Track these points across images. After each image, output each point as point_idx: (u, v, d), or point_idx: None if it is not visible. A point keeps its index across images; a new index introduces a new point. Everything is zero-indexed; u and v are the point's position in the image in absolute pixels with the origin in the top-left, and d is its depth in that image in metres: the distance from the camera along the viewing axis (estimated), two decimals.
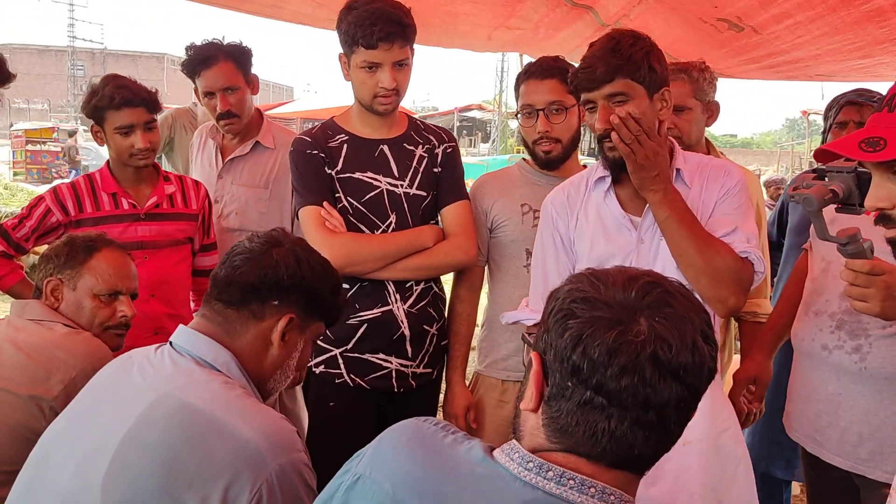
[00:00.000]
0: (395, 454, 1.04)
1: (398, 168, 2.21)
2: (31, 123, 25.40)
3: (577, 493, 0.93)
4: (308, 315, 1.45)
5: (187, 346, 1.37)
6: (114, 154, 2.41)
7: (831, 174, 1.49)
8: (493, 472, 0.97)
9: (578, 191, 1.89)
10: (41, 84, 56.54)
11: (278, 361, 1.43)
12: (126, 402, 1.29)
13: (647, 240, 1.77)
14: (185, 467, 1.18)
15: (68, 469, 1.26)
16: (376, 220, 2.18)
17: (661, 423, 0.93)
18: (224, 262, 1.43)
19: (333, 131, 2.23)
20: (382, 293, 2.18)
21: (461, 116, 25.50)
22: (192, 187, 2.56)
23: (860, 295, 1.50)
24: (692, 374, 0.93)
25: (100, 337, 1.85)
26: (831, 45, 3.23)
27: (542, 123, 2.17)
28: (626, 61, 1.66)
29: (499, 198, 2.31)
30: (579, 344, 0.92)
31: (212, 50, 2.64)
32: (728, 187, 1.79)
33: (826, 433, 1.83)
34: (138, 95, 2.34)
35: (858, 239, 1.46)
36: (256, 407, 1.29)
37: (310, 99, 26.64)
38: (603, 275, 1.00)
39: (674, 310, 0.94)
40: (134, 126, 2.34)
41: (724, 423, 1.78)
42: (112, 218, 2.41)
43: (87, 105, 2.37)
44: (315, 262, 1.46)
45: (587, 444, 0.94)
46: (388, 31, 2.04)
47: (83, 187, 2.42)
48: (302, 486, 1.24)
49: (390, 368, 2.21)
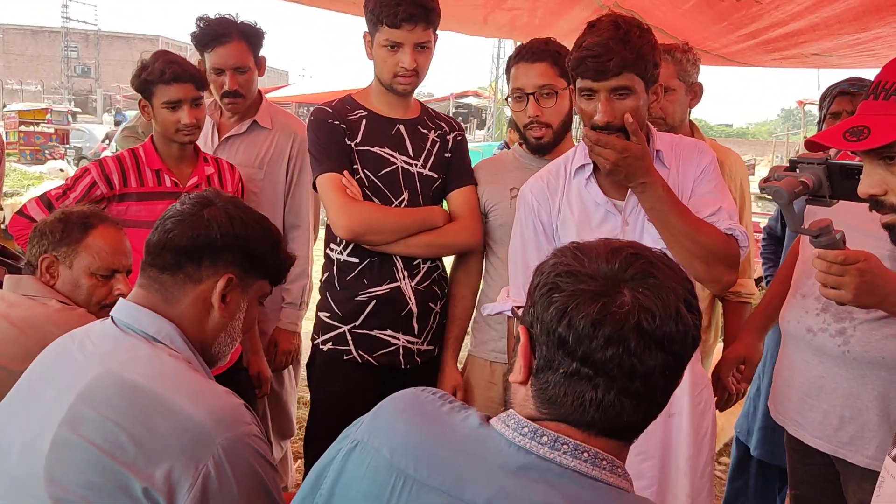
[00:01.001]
0: (393, 421, 1.06)
1: (413, 148, 2.25)
2: (25, 104, 25.25)
3: (571, 458, 0.94)
4: (248, 274, 1.41)
5: (128, 319, 1.34)
6: (160, 129, 2.41)
7: (802, 166, 1.50)
8: (489, 438, 0.99)
9: (557, 179, 1.90)
10: (35, 65, 56.16)
11: (221, 324, 1.39)
12: (66, 380, 1.26)
13: (631, 222, 1.81)
14: (126, 447, 1.15)
15: (14, 451, 1.24)
16: (390, 196, 2.21)
17: (647, 392, 0.95)
18: (157, 227, 1.39)
19: (352, 106, 2.27)
20: (391, 269, 2.21)
21: (457, 103, 25.37)
22: (227, 170, 2.57)
23: (834, 283, 1.51)
24: (677, 343, 0.95)
25: (96, 315, 1.84)
26: (831, 10, 3.20)
27: (532, 108, 2.17)
28: (637, 56, 1.66)
29: (490, 183, 2.33)
30: (564, 316, 0.94)
31: (227, 27, 2.63)
32: (703, 165, 1.84)
33: (808, 416, 1.84)
34: (187, 71, 2.36)
35: (831, 230, 1.47)
36: (201, 383, 1.26)
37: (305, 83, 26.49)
38: (587, 248, 1.01)
39: (657, 280, 0.96)
40: (182, 101, 2.34)
41: (699, 398, 1.87)
42: (155, 195, 2.41)
43: (137, 79, 2.38)
44: (250, 219, 1.41)
45: (576, 414, 0.96)
46: (411, 13, 2.08)
47: (128, 162, 2.42)
48: (255, 458, 1.21)
49: (398, 345, 2.25)
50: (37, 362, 1.38)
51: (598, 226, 1.82)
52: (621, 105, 1.68)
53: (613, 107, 1.68)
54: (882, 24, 3.29)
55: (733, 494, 3.03)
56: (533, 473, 0.94)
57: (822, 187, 1.48)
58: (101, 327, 1.37)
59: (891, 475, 1.21)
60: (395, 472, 1.00)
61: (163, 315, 1.34)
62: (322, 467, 1.10)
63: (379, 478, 1.01)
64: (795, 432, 1.89)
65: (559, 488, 0.93)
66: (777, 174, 1.52)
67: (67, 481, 1.17)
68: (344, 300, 2.25)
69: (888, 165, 1.28)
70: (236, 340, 1.45)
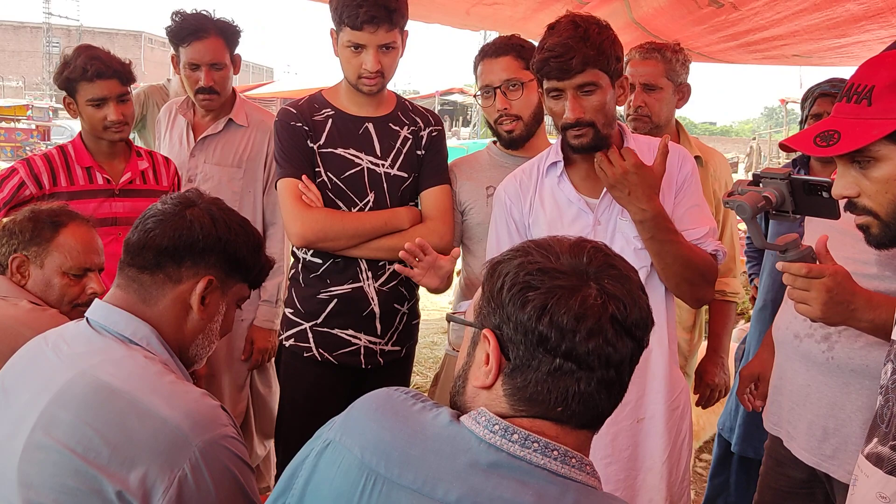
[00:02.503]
0: (364, 420, 1.06)
1: (381, 147, 2.21)
2: (5, 101, 24.92)
3: (541, 456, 0.96)
4: (228, 276, 1.40)
5: (104, 321, 1.32)
6: (87, 126, 2.37)
7: (765, 180, 1.50)
8: (459, 435, 0.99)
9: (531, 177, 1.91)
10: (16, 61, 55.49)
11: (199, 326, 1.38)
12: (40, 382, 1.25)
13: (603, 221, 1.82)
14: (101, 450, 1.14)
15: None
16: (354, 198, 2.18)
17: (618, 379, 0.99)
18: (136, 225, 1.37)
19: (320, 105, 2.23)
20: (354, 270, 2.19)
21: (442, 100, 25.34)
22: (162, 164, 2.54)
23: (800, 298, 1.48)
24: (641, 329, 0.99)
25: (68, 315, 1.82)
26: (810, 21, 3.23)
27: (500, 101, 2.17)
28: (598, 52, 1.68)
29: (466, 181, 2.31)
30: (545, 314, 0.95)
31: (204, 22, 2.60)
32: (686, 171, 1.86)
33: (798, 426, 1.79)
34: (111, 67, 2.31)
35: (798, 245, 1.46)
36: (176, 384, 1.25)
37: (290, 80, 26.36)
38: (547, 245, 1.04)
39: (618, 271, 1.01)
40: (107, 98, 2.30)
41: (676, 401, 1.88)
42: (87, 193, 2.37)
43: (59, 76, 2.33)
44: (232, 221, 1.41)
45: (556, 410, 0.98)
46: (373, 15, 2.02)
47: (58, 160, 2.38)
48: (231, 460, 1.20)
49: (359, 345, 2.23)
50: (9, 365, 1.36)
51: (570, 224, 1.83)
52: (588, 101, 1.71)
53: (581, 104, 1.71)
54: (861, 31, 3.33)
55: (714, 491, 3.04)
56: (503, 471, 0.95)
57: (786, 202, 1.48)
58: (76, 329, 1.35)
59: (864, 474, 1.21)
60: (366, 471, 1.00)
61: (140, 316, 1.33)
62: (295, 467, 1.11)
63: (350, 477, 1.01)
64: (788, 444, 1.84)
65: (529, 486, 0.94)
66: (740, 188, 1.52)
67: (40, 484, 1.16)
68: (307, 297, 2.24)
69: (861, 168, 1.28)
70: (214, 342, 1.45)
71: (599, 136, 1.74)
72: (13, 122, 21.01)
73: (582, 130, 1.73)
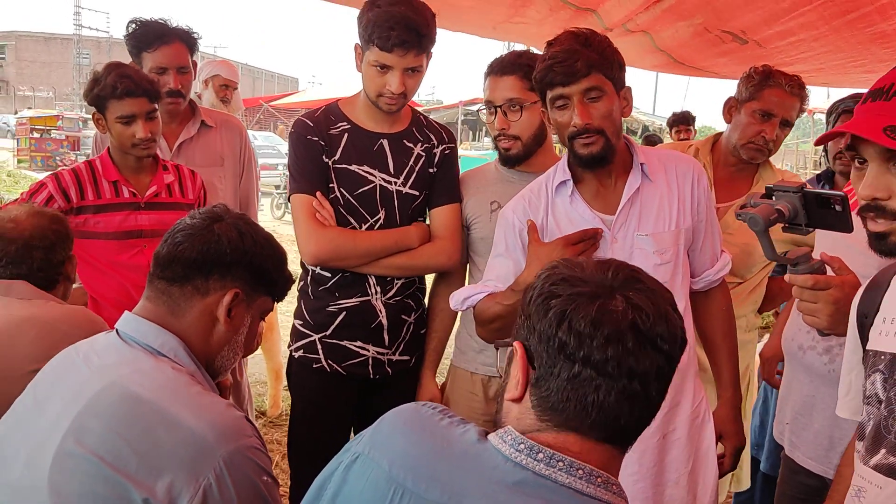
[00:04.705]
0: (393, 434, 1.08)
1: (394, 165, 2.21)
2: (37, 111, 25.40)
3: (566, 475, 0.96)
4: (254, 290, 1.44)
5: (133, 333, 1.36)
6: (115, 142, 2.41)
7: (778, 193, 1.48)
8: (486, 453, 1.00)
9: (539, 197, 1.87)
10: (47, 72, 56.52)
11: (225, 338, 1.41)
12: (72, 392, 1.28)
13: (620, 238, 1.79)
14: (129, 458, 1.17)
15: (19, 462, 1.25)
16: (366, 215, 2.19)
17: (644, 392, 0.98)
18: (166, 239, 1.41)
19: (336, 117, 2.22)
20: (363, 285, 2.21)
21: (465, 110, 25.39)
22: (188, 177, 2.58)
23: (807, 310, 1.47)
24: (668, 342, 0.99)
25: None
26: (834, 61, 3.25)
27: (500, 120, 2.15)
28: (601, 56, 1.67)
29: (472, 196, 2.30)
30: (564, 320, 0.97)
31: (168, 28, 2.72)
32: (701, 183, 1.86)
33: (802, 435, 1.80)
34: (140, 85, 2.35)
35: (809, 259, 1.45)
36: (202, 395, 1.28)
37: (315, 90, 26.58)
38: (576, 261, 1.07)
39: (644, 285, 1.02)
40: (136, 115, 2.34)
41: (697, 410, 1.87)
42: (113, 206, 2.42)
43: (90, 93, 2.37)
44: (259, 235, 1.45)
45: (578, 418, 0.98)
46: (404, 39, 2.01)
47: (85, 174, 2.42)
48: (255, 471, 1.22)
49: (367, 356, 2.24)
50: (41, 375, 1.40)
51: None
52: (595, 108, 1.68)
53: (588, 110, 1.68)
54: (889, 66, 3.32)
55: None
56: (528, 489, 0.95)
57: (798, 215, 1.46)
58: (106, 340, 1.39)
59: (875, 485, 1.19)
60: (394, 485, 1.01)
61: (168, 328, 1.37)
62: (323, 480, 1.12)
63: (378, 490, 1.02)
64: (791, 452, 1.86)
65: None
66: (753, 201, 1.51)
67: (70, 492, 1.18)
68: (316, 310, 2.25)
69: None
70: (239, 354, 1.47)
71: (609, 145, 1.71)
72: (44, 132, 21.38)
73: (592, 138, 1.69)
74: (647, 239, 1.78)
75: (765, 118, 2.39)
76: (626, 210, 1.79)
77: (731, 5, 3.06)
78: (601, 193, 1.81)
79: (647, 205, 1.80)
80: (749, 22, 3.16)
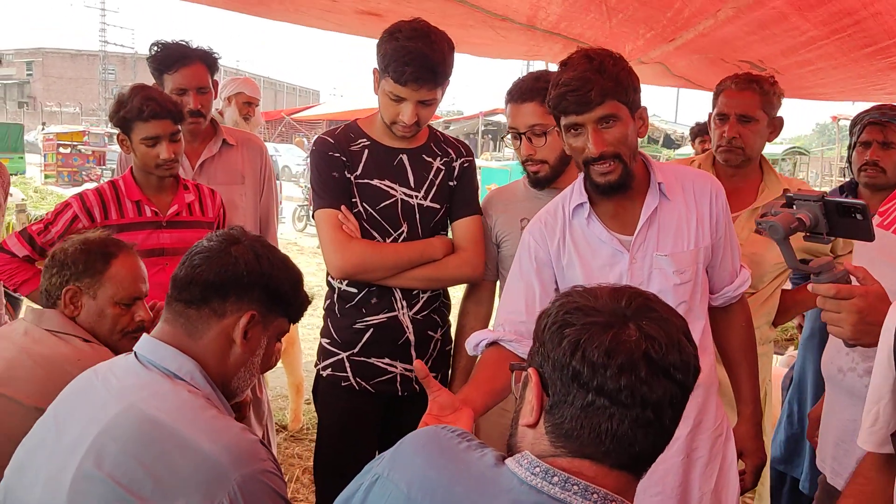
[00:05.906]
0: (412, 457, 1.10)
1: (415, 179, 2.23)
2: (63, 127, 25.84)
3: (581, 499, 0.97)
4: (270, 311, 1.45)
5: (151, 355, 1.37)
6: (139, 163, 2.45)
7: (799, 202, 1.46)
8: (503, 476, 1.02)
9: (556, 219, 1.85)
10: (73, 88, 57.56)
11: (242, 359, 1.42)
12: (90, 414, 1.29)
13: (639, 259, 1.77)
14: (144, 482, 1.18)
15: (39, 484, 1.27)
16: (389, 228, 2.20)
17: (658, 420, 0.99)
18: (184, 262, 1.42)
19: (356, 135, 2.25)
20: (389, 300, 2.21)
21: (486, 120, 25.47)
22: (208, 196, 2.61)
23: (831, 320, 1.43)
24: (681, 372, 1.00)
25: (119, 343, 1.86)
26: (854, 87, 3.22)
27: (525, 147, 2.16)
28: (615, 83, 1.63)
29: (502, 213, 2.31)
30: (577, 349, 0.99)
31: (189, 50, 2.77)
32: (720, 199, 1.84)
33: (844, 462, 1.73)
34: (165, 107, 2.38)
35: (832, 268, 1.42)
36: (217, 419, 1.29)
37: (336, 102, 26.80)
38: (591, 288, 1.08)
39: (658, 314, 1.02)
40: (160, 137, 2.38)
41: (719, 428, 1.87)
42: (135, 225, 2.45)
43: (115, 115, 2.41)
44: (275, 258, 1.46)
45: (592, 446, 0.99)
46: (418, 76, 2.03)
47: (109, 195, 2.46)
48: (268, 495, 1.23)
49: (395, 373, 2.25)
50: (61, 398, 1.41)
51: (605, 264, 1.78)
52: (610, 134, 1.66)
53: (603, 137, 1.66)
54: None
55: None
56: None
57: (819, 224, 1.44)
58: (125, 363, 1.40)
59: None
60: None
61: (185, 350, 1.38)
62: (345, 500, 1.14)
63: None
64: (832, 480, 1.78)
65: None
66: (773, 210, 1.49)
67: None
68: (343, 328, 2.25)
69: None
70: (255, 376, 1.48)
71: (626, 170, 1.69)
72: (71, 147, 21.70)
73: (610, 166, 1.67)
74: (666, 259, 1.76)
75: (722, 120, 2.48)
76: (644, 230, 1.76)
77: (747, 41, 3.05)
78: (619, 214, 1.79)
79: (665, 224, 1.78)
80: (766, 53, 3.15)
